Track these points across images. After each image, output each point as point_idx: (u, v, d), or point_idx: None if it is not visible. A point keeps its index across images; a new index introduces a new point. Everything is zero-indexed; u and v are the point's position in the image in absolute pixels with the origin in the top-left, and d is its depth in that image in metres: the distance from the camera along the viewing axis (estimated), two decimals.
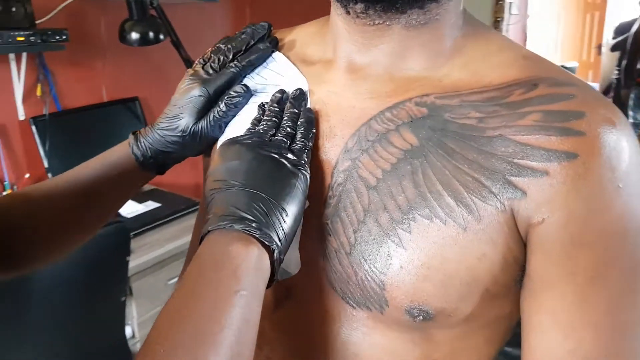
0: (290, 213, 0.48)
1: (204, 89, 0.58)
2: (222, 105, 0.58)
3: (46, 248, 0.64)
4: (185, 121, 0.58)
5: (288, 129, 0.52)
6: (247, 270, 0.43)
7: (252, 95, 0.59)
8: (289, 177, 0.49)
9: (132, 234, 1.76)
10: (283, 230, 0.47)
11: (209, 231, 0.46)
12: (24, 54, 1.87)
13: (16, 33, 1.70)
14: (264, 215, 0.46)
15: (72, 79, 2.07)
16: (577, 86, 0.47)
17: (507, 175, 0.45)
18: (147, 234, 1.83)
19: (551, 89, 0.46)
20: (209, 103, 0.58)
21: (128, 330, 1.71)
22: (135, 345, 1.75)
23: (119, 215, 1.41)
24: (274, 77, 0.59)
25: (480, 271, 0.46)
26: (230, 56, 0.59)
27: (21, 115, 1.92)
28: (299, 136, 0.52)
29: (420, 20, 0.49)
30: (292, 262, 0.52)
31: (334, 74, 0.55)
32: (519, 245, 0.46)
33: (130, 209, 1.93)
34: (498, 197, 0.45)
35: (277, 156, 0.49)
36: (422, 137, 0.48)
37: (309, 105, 0.55)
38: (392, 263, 0.47)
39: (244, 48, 0.60)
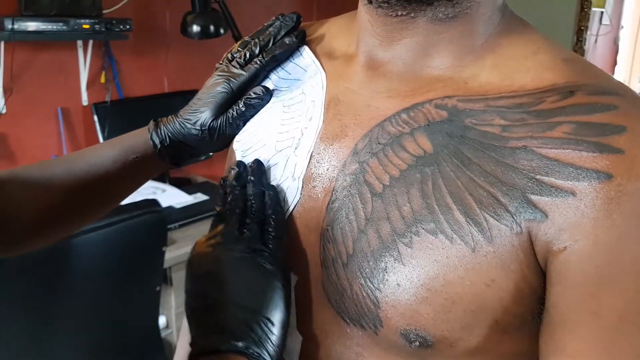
0: (277, 321, 0.46)
1: (227, 85, 0.57)
2: (241, 105, 0.57)
3: (44, 233, 0.64)
4: (205, 115, 0.58)
5: (257, 216, 0.50)
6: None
7: (272, 95, 0.58)
8: (270, 280, 0.47)
9: (177, 224, 1.80)
10: (272, 343, 0.45)
11: (195, 355, 0.45)
12: (90, 42, 1.94)
13: (82, 21, 1.76)
14: (249, 330, 0.45)
15: (136, 68, 2.12)
16: (622, 96, 0.41)
17: (527, 192, 0.40)
18: (192, 226, 1.84)
19: (590, 98, 0.41)
20: (232, 99, 0.58)
21: (162, 320, 1.73)
22: (169, 336, 1.77)
23: (158, 204, 1.41)
24: (297, 72, 0.58)
25: (488, 299, 0.41)
26: (257, 50, 0.58)
27: (84, 101, 1.99)
28: (272, 224, 0.50)
29: (448, 13, 0.45)
30: (293, 340, 0.50)
31: (353, 69, 0.52)
32: (537, 274, 0.41)
33: (180, 199, 1.95)
34: (515, 216, 0.40)
35: (252, 256, 0.48)
36: (438, 144, 0.44)
37: (322, 102, 0.53)
38: (388, 279, 0.43)
39: (271, 42, 0.58)
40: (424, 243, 0.42)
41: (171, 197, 1.96)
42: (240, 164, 0.54)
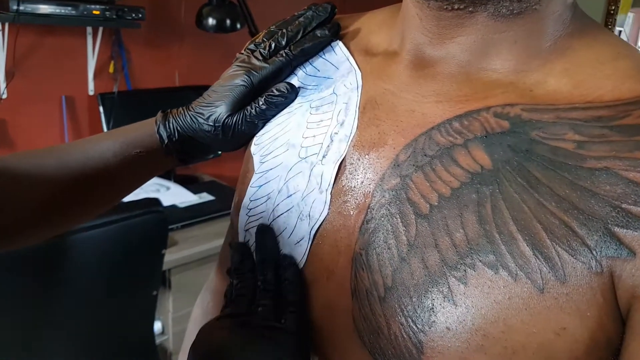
0: None
1: (247, 78, 0.52)
2: (261, 102, 0.52)
3: (32, 230, 0.56)
4: (220, 110, 0.52)
5: (269, 293, 0.47)
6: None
7: (297, 93, 0.53)
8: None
9: (180, 224, 1.74)
10: None
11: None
12: (100, 29, 1.86)
13: (92, 6, 1.69)
14: None
15: (147, 59, 2.05)
16: None
17: (610, 224, 0.34)
18: (196, 227, 1.77)
19: None
20: (251, 95, 0.53)
21: (158, 326, 1.65)
22: (165, 342, 1.69)
23: (160, 204, 1.33)
24: (328, 69, 0.52)
25: (557, 351, 0.35)
26: (283, 42, 0.53)
27: (90, 90, 1.92)
28: (288, 298, 0.46)
29: (513, 8, 0.40)
30: None
31: (395, 69, 0.47)
32: (616, 323, 0.35)
33: (184, 198, 1.87)
34: (594, 252, 0.34)
35: (263, 335, 0.44)
36: (498, 159, 0.38)
37: (357, 104, 0.47)
38: (436, 321, 0.37)
39: (300, 34, 0.53)
40: (481, 279, 0.36)
41: (175, 195, 1.88)
42: (239, 248, 0.50)
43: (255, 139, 0.54)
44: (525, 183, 0.37)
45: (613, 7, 2.80)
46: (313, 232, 0.46)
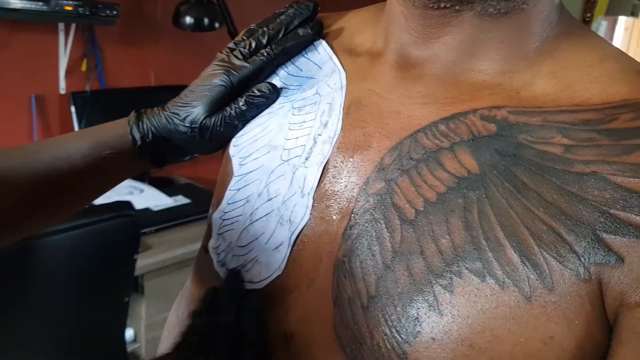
0: None
1: (226, 77, 0.51)
2: (241, 103, 0.51)
3: None
4: (197, 111, 0.51)
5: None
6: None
7: (279, 94, 0.51)
8: None
9: (154, 228, 1.69)
10: None
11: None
12: (73, 26, 1.80)
13: (65, 2, 1.64)
14: None
15: (121, 57, 1.99)
16: None
17: (598, 230, 0.34)
18: (171, 231, 1.72)
19: None
20: (230, 95, 0.51)
21: (130, 333, 1.61)
22: (137, 349, 1.64)
23: (131, 207, 1.29)
24: (310, 68, 0.51)
25: (544, 359, 0.34)
26: (264, 41, 0.52)
27: (62, 89, 1.85)
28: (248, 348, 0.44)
29: (500, 7, 0.39)
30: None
31: (379, 69, 0.46)
32: (603, 331, 0.35)
33: (158, 201, 1.83)
34: (582, 259, 0.34)
35: None
36: (485, 163, 0.38)
37: (341, 105, 0.46)
38: (421, 331, 0.36)
39: (281, 32, 0.52)
40: (468, 287, 0.36)
41: (149, 198, 1.83)
42: (207, 295, 0.47)
43: (234, 140, 0.52)
44: (513, 188, 0.37)
45: (589, 15, 2.85)
46: (293, 237, 0.44)
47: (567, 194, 0.35)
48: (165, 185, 2.00)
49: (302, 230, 0.44)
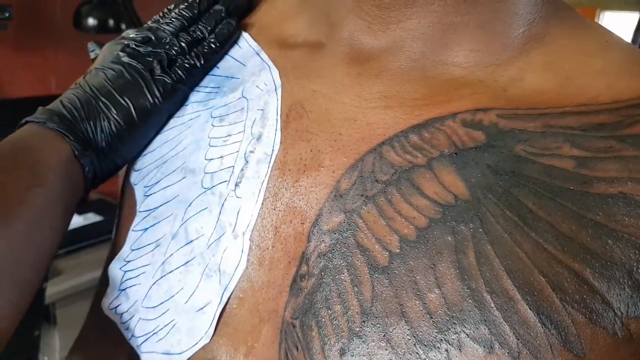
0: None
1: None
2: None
3: None
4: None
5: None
6: (49, 169, 0.38)
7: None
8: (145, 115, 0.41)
9: (63, 251, 1.58)
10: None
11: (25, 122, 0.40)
12: None
13: None
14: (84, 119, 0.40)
15: (17, 64, 1.83)
16: None
17: (635, 272, 0.26)
18: (82, 253, 1.62)
19: None
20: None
21: None
22: None
23: None
24: (230, 66, 0.42)
25: None
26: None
27: None
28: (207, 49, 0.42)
29: None
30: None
31: (323, 64, 0.37)
32: None
33: None
34: (617, 312, 0.26)
35: (140, 74, 0.41)
36: (476, 185, 0.29)
37: (277, 111, 0.37)
38: None
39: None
40: None
41: None
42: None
43: (136, 164, 0.42)
44: (517, 218, 0.28)
45: None
46: (227, 293, 0.34)
47: (589, 225, 0.27)
48: None
49: (237, 284, 0.34)
